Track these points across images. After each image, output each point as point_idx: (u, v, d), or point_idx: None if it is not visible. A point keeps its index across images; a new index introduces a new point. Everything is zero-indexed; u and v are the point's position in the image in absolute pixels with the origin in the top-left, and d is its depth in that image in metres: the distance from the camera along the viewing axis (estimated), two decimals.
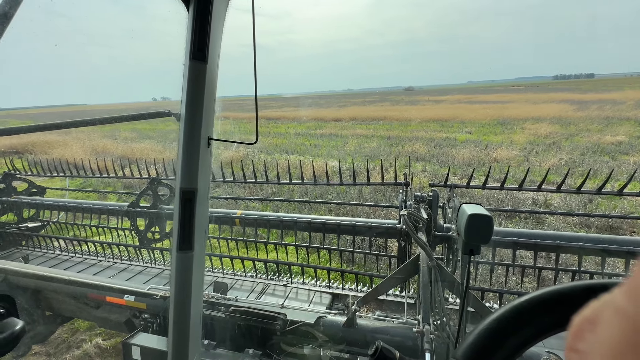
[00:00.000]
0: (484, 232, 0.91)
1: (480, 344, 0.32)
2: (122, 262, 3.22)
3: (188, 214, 0.80)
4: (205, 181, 0.84)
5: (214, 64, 0.80)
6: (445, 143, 13.55)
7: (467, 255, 0.97)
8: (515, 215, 5.62)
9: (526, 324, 0.32)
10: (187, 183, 0.80)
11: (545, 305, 0.32)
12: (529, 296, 0.33)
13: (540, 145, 12.36)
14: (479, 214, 0.91)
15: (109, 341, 3.18)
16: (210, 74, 0.79)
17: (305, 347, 1.74)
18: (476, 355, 0.32)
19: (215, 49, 0.79)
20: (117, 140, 17.12)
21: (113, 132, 21.23)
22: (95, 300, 2.38)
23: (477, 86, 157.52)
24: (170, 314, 0.80)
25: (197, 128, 0.78)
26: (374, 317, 2.04)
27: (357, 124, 22.52)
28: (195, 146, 0.79)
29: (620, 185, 2.16)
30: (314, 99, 72.70)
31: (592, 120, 17.77)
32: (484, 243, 0.92)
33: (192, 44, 0.75)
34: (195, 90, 0.77)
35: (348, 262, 3.44)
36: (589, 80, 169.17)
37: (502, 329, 0.32)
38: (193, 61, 0.76)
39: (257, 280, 2.77)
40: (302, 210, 6.36)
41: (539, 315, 0.32)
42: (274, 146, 14.83)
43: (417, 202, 2.27)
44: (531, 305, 0.33)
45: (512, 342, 0.32)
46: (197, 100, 0.77)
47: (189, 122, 0.78)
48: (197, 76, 0.77)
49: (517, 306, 0.33)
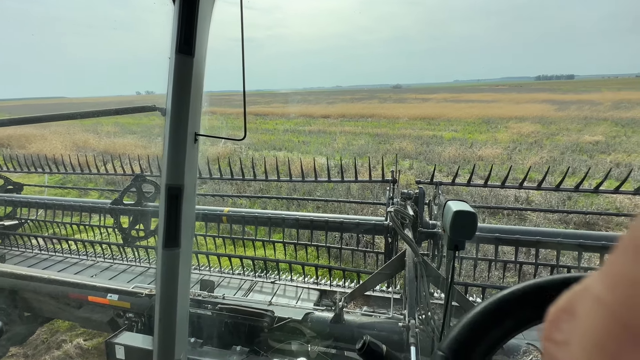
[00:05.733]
0: (468, 229, 0.94)
1: (463, 337, 0.33)
2: (105, 260, 3.13)
3: (174, 211, 0.78)
4: (192, 178, 0.83)
5: (200, 57, 0.78)
6: (432, 141, 13.76)
7: (452, 251, 1.00)
8: (498, 211, 5.77)
9: (507, 317, 0.33)
10: (173, 179, 0.78)
11: (525, 298, 0.34)
12: (510, 290, 0.34)
13: (523, 144, 12.71)
14: (464, 210, 0.94)
15: (91, 341, 3.10)
16: (197, 68, 0.77)
17: (293, 344, 1.75)
18: (459, 347, 0.33)
19: (202, 43, 0.78)
20: (99, 135, 16.60)
21: (95, 126, 20.57)
22: (76, 300, 2.32)
23: (463, 85, 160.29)
24: (156, 312, 0.79)
25: (184, 123, 0.77)
26: (361, 313, 2.07)
27: (345, 121, 22.57)
28: (182, 142, 0.78)
29: (597, 183, 2.25)
30: (303, 95, 72.33)
31: (571, 120, 18.39)
32: (468, 239, 0.95)
33: (178, 37, 0.73)
34: (181, 85, 0.75)
35: (336, 259, 3.46)
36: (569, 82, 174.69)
37: (484, 322, 0.33)
38: (179, 55, 0.74)
39: (245, 277, 2.76)
40: (291, 207, 6.35)
41: (519, 307, 0.34)
42: (262, 142, 14.71)
43: (404, 199, 2.30)
44: (512, 299, 0.34)
45: (494, 334, 0.33)
46: (183, 94, 0.76)
47: (174, 117, 0.76)
48: (183, 70, 0.75)
49: (498, 300, 0.34)
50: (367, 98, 50.26)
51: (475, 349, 0.33)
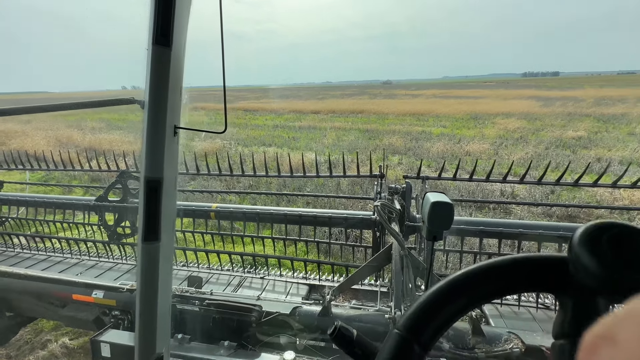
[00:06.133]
0: (446, 219, 0.97)
1: (417, 315, 0.35)
2: (91, 258, 3.08)
3: (153, 204, 0.77)
4: (172, 171, 0.82)
5: (179, 49, 0.77)
6: (421, 136, 13.90)
7: (431, 241, 1.02)
8: (485, 205, 5.90)
9: (459, 295, 0.35)
10: (151, 172, 0.78)
11: (476, 278, 0.36)
12: (463, 271, 0.36)
13: (509, 139, 12.97)
14: (441, 201, 0.97)
15: (77, 340, 3.06)
16: (175, 59, 0.76)
17: (281, 337, 1.76)
18: (414, 324, 0.35)
19: (181, 34, 0.76)
20: (83, 131, 16.18)
21: (79, 122, 20.03)
22: (60, 299, 2.27)
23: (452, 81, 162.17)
24: (137, 307, 0.78)
25: (162, 116, 0.76)
26: (350, 306, 2.09)
27: (335, 117, 22.58)
28: (160, 134, 0.77)
29: (578, 176, 2.33)
30: (293, 91, 71.91)
31: (556, 116, 18.84)
32: (446, 229, 0.98)
33: (154, 28, 0.72)
34: (159, 77, 0.74)
35: (325, 254, 3.49)
36: (554, 78, 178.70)
37: (437, 301, 0.35)
38: (156, 46, 0.73)
39: (234, 273, 2.75)
40: (280, 203, 6.35)
41: (470, 287, 0.36)
42: (252, 138, 14.60)
43: (391, 194, 2.33)
44: (464, 279, 0.36)
45: (446, 312, 0.35)
46: (162, 87, 0.74)
47: (153, 109, 0.75)
48: (161, 62, 0.74)
49: (451, 280, 0.36)
50: (358, 94, 50.35)
51: (429, 325, 0.35)
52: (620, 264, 0.29)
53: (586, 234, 0.32)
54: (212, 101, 24.20)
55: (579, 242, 0.32)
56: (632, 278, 0.29)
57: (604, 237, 0.30)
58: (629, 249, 0.30)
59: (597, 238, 0.31)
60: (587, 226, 0.32)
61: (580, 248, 0.31)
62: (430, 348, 0.36)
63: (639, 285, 0.29)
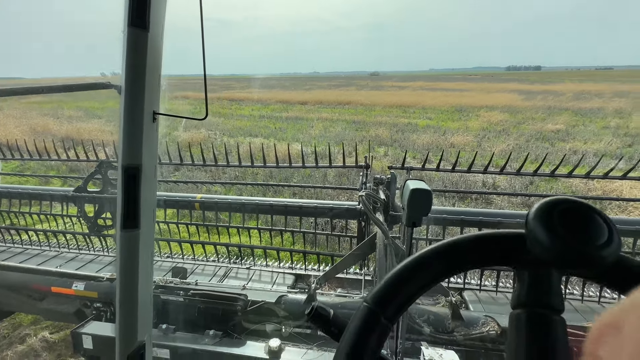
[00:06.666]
0: (424, 205, 1.00)
1: (385, 289, 0.37)
2: (70, 251, 2.99)
3: (132, 191, 0.76)
4: (151, 158, 0.80)
5: (157, 32, 0.74)
6: (407, 128, 14.04)
7: (410, 227, 1.06)
8: (467, 196, 6.05)
9: (424, 271, 0.37)
10: (129, 159, 0.76)
11: (440, 254, 0.38)
12: (429, 248, 0.38)
13: (492, 132, 13.28)
14: (420, 188, 0.99)
15: (57, 334, 2.99)
16: (153, 43, 0.73)
17: (267, 325, 1.78)
18: (381, 298, 0.37)
19: (159, 16, 0.74)
20: (60, 120, 15.50)
21: (55, 110, 19.15)
22: (39, 292, 2.21)
23: (438, 74, 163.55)
24: (117, 295, 0.77)
25: (140, 101, 0.73)
26: (335, 294, 2.13)
27: (323, 108, 22.46)
28: (138, 120, 0.75)
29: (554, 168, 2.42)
30: (279, 81, 70.85)
31: (537, 109, 19.37)
32: (425, 215, 1.01)
33: (130, 9, 0.69)
34: (135, 61, 0.72)
35: (311, 244, 3.52)
36: (536, 72, 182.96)
37: (404, 277, 0.37)
38: (132, 28, 0.70)
39: (219, 264, 2.74)
40: (267, 194, 6.32)
41: (435, 263, 0.38)
42: (238, 128, 14.37)
43: (376, 184, 2.36)
44: (430, 255, 0.38)
45: (412, 286, 0.37)
46: (139, 71, 0.72)
47: (130, 94, 0.73)
48: (138, 45, 0.71)
49: (418, 256, 0.38)
50: (345, 85, 50.13)
51: (396, 298, 0.37)
52: (569, 238, 0.31)
53: (539, 210, 0.34)
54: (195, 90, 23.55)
55: (533, 218, 0.34)
56: (580, 250, 0.31)
57: (555, 212, 0.33)
58: (577, 223, 0.32)
59: (549, 213, 0.33)
60: (541, 202, 0.34)
61: (535, 223, 0.33)
62: (395, 320, 0.38)
63: (587, 257, 0.31)
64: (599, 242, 0.31)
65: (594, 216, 0.33)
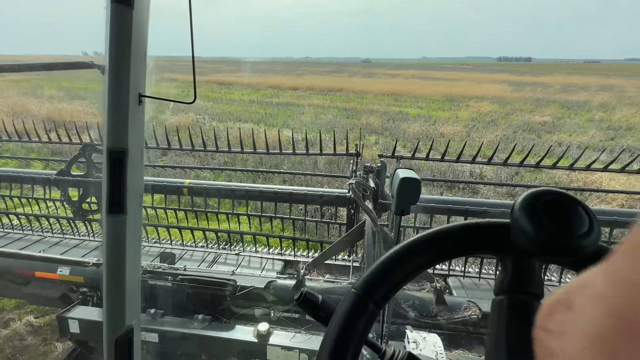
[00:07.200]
0: (413, 194, 1.02)
1: (373, 276, 0.38)
2: (54, 235, 2.93)
3: (118, 176, 0.74)
4: (137, 142, 0.78)
5: (142, 9, 0.70)
6: (398, 117, 14.04)
7: (399, 216, 1.08)
8: (454, 185, 6.17)
9: (411, 259, 0.39)
10: (115, 143, 0.73)
11: (428, 242, 0.39)
12: (417, 236, 0.39)
13: (481, 122, 13.43)
14: (409, 177, 1.01)
15: (43, 318, 2.96)
16: (138, 21, 0.70)
17: (256, 310, 1.81)
18: (369, 285, 0.38)
19: None
20: (40, 100, 14.83)
21: (34, 89, 18.31)
22: (22, 276, 2.17)
23: (430, 62, 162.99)
24: (104, 280, 0.77)
25: (125, 82, 0.70)
26: (324, 280, 2.17)
27: (314, 94, 22.19)
28: (123, 102, 0.72)
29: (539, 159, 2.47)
30: (271, 65, 69.37)
31: (525, 101, 19.62)
32: (413, 203, 1.03)
33: None
34: (120, 40, 0.68)
35: (301, 231, 3.54)
36: (526, 64, 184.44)
37: (391, 264, 0.38)
38: (115, 4, 0.66)
39: (208, 250, 2.74)
40: (257, 180, 6.28)
41: (422, 251, 0.39)
42: (227, 113, 14.10)
43: (366, 172, 2.37)
44: (416, 244, 0.39)
45: (399, 274, 0.38)
46: (123, 50, 0.69)
47: (114, 75, 0.69)
48: (122, 23, 0.67)
49: (406, 244, 0.39)
50: (337, 71, 49.47)
51: (383, 284, 0.38)
52: (552, 228, 0.33)
53: (524, 201, 0.35)
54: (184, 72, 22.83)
55: (518, 208, 0.35)
56: (562, 241, 0.32)
57: (539, 204, 0.34)
58: (560, 214, 0.33)
59: (533, 204, 0.34)
60: (526, 194, 0.35)
61: (519, 213, 0.34)
62: (383, 306, 0.39)
63: (569, 247, 0.32)
64: (580, 232, 0.33)
65: (576, 207, 0.34)
